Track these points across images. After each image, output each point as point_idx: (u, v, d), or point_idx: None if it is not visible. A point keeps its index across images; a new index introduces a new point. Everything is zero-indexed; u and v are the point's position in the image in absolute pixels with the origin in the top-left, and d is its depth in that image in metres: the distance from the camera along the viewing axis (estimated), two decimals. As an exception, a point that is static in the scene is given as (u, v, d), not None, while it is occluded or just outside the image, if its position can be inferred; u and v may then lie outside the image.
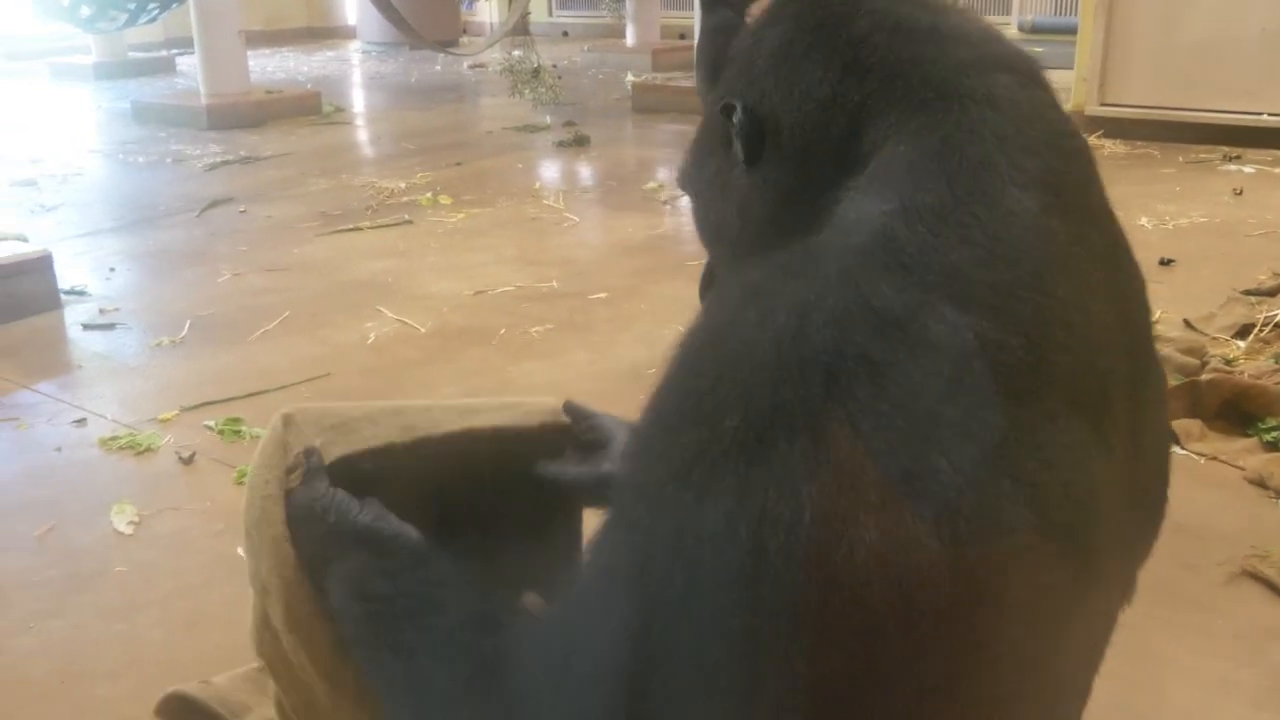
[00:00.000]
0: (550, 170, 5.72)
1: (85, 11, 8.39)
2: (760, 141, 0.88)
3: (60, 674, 1.74)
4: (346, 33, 13.22)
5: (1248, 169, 5.06)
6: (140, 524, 2.19)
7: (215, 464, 2.44)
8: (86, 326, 3.37)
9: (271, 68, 10.26)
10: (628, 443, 0.76)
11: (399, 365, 3.01)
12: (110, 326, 3.38)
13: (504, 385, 2.84)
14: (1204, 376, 2.54)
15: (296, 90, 8.07)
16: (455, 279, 3.77)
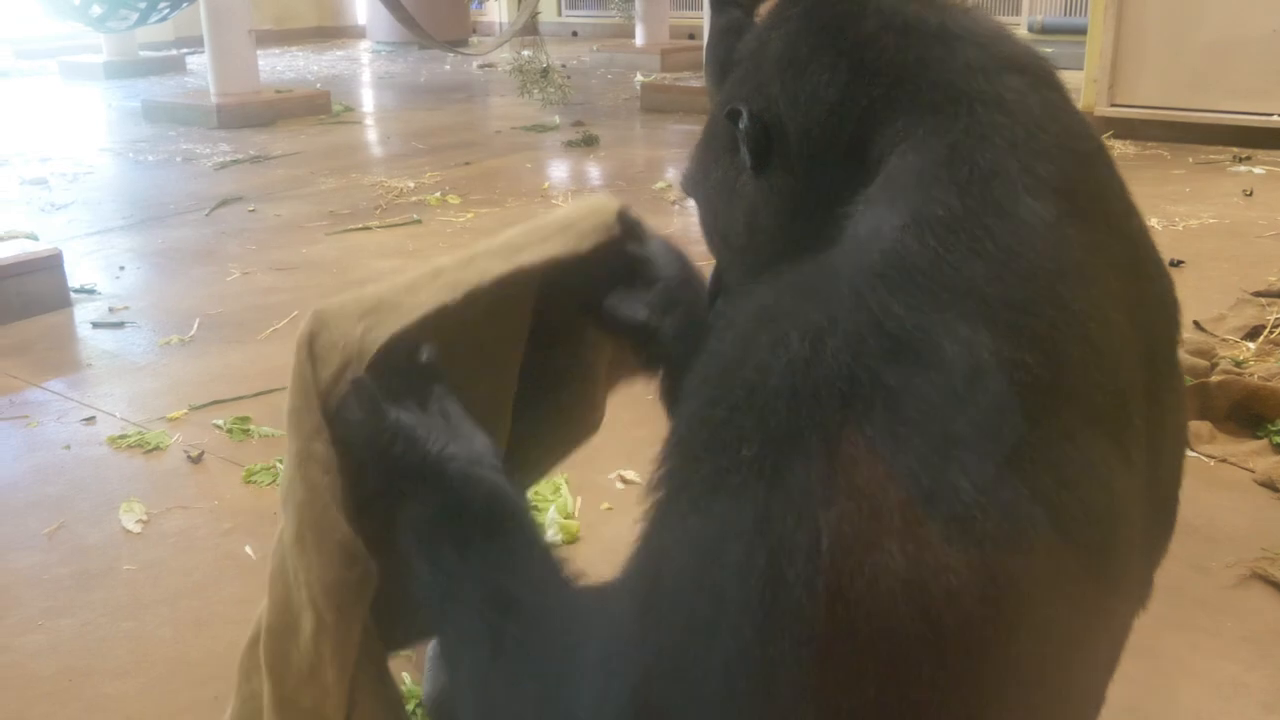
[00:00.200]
0: (559, 170, 5.71)
1: (96, 10, 8.42)
2: (767, 148, 0.86)
3: (68, 672, 1.75)
4: (356, 32, 13.25)
5: (1258, 170, 5.03)
6: (149, 522, 2.20)
7: (224, 463, 2.44)
8: (96, 325, 3.38)
9: (281, 67, 10.29)
10: (654, 469, 0.75)
11: (407, 364, 3.00)
12: (120, 325, 3.38)
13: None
14: (1214, 378, 2.53)
15: (306, 89, 8.07)
16: (464, 278, 3.76)
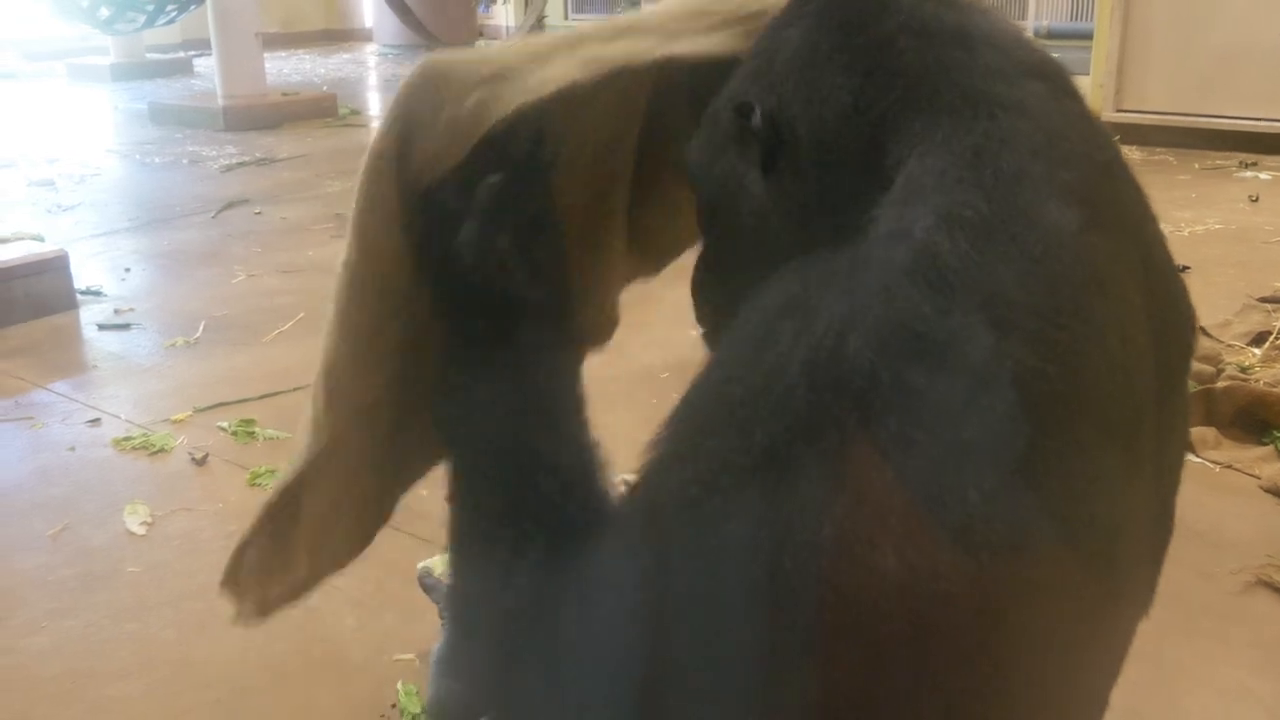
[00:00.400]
0: (564, 173, 5.71)
1: (104, 13, 8.45)
2: (778, 147, 0.85)
3: (72, 674, 1.75)
4: (363, 35, 13.27)
5: (1264, 175, 5.03)
6: (153, 524, 2.20)
7: (228, 465, 2.45)
8: (101, 326, 3.39)
9: (288, 70, 10.30)
10: (657, 433, 0.73)
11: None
12: (125, 327, 3.39)
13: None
14: (1219, 384, 2.52)
15: (313, 92, 8.09)
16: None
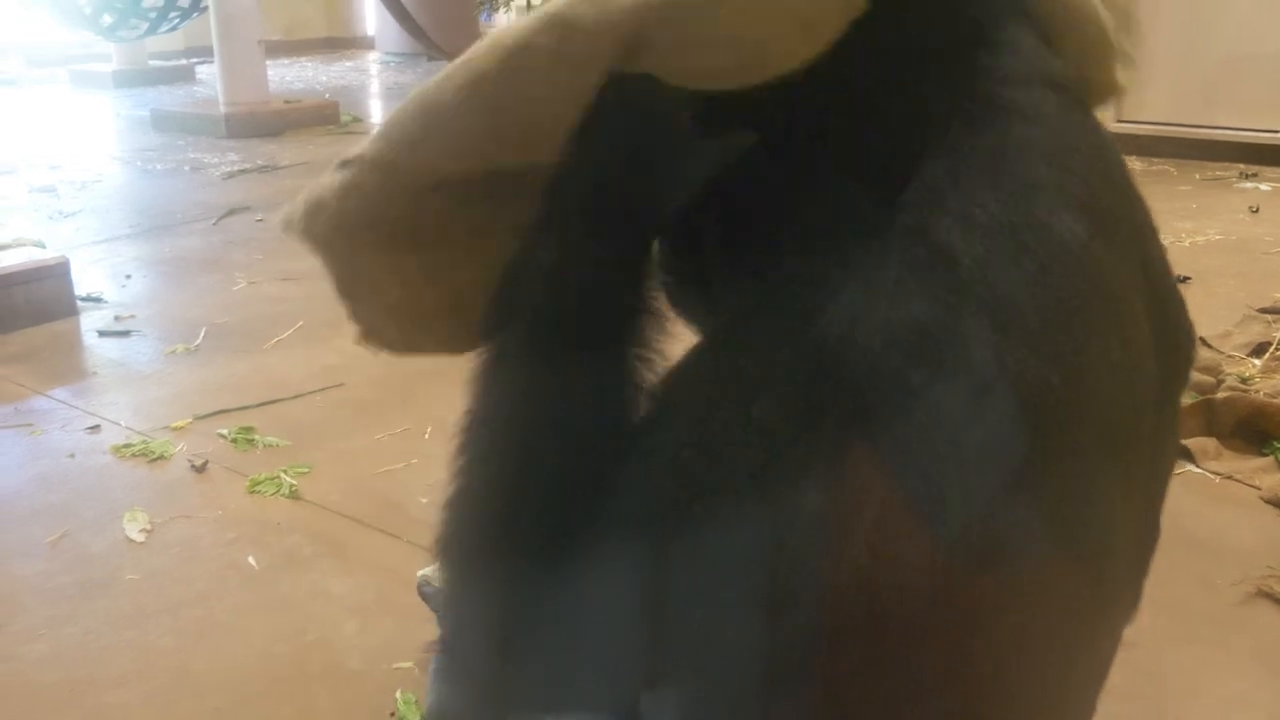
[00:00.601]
0: (566, 182, 5.71)
1: (107, 20, 8.47)
2: (793, 136, 0.83)
3: (70, 681, 1.75)
4: (365, 43, 13.28)
5: (1264, 186, 5.03)
6: (152, 532, 2.20)
7: (228, 472, 2.44)
8: (102, 333, 3.39)
9: (290, 77, 10.31)
10: (652, 402, 0.72)
11: (411, 377, 3.00)
12: (125, 333, 3.39)
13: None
14: (1219, 395, 2.52)
15: (315, 100, 8.09)
16: (469, 289, 3.76)
